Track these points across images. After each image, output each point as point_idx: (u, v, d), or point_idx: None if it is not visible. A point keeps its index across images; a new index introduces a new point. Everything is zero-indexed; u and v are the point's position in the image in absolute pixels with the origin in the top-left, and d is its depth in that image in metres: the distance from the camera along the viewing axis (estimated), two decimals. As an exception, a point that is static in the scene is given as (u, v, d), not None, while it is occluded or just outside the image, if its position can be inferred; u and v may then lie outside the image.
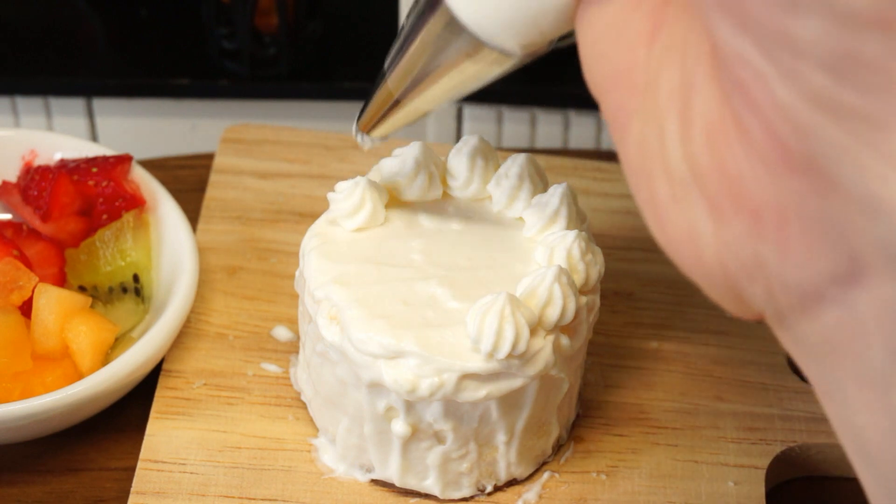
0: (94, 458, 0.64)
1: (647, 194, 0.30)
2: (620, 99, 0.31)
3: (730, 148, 0.27)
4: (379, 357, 0.55)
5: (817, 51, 0.24)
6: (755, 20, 0.25)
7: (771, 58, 0.25)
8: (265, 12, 0.83)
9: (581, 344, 0.59)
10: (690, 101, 0.28)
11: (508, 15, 0.38)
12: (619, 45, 0.31)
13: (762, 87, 0.25)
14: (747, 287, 0.28)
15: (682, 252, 0.29)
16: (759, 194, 0.27)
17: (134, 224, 0.68)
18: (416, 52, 0.44)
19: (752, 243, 0.27)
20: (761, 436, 0.64)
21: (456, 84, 0.45)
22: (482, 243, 0.60)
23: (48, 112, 0.88)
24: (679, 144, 0.28)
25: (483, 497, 0.61)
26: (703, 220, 0.28)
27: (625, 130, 0.31)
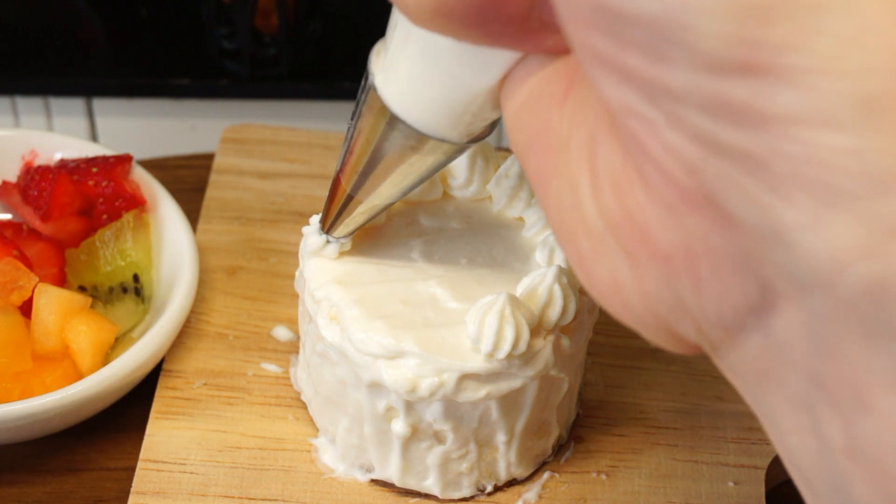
0: (94, 458, 0.64)
1: (572, 251, 0.31)
2: (539, 161, 0.32)
3: (634, 196, 0.28)
4: (379, 357, 0.55)
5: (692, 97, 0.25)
6: (633, 73, 0.26)
7: (654, 104, 0.26)
8: (265, 12, 0.83)
9: (581, 344, 0.59)
10: (596, 156, 0.29)
11: (441, 106, 0.40)
12: (535, 111, 0.33)
13: (651, 132, 0.26)
14: (677, 326, 0.29)
15: (611, 302, 0.30)
16: (666, 237, 0.28)
17: (134, 224, 0.68)
18: (363, 149, 0.46)
19: (670, 285, 0.28)
20: (761, 436, 0.64)
21: (406, 177, 0.46)
22: (482, 243, 0.60)
23: (48, 112, 0.88)
24: (592, 199, 0.29)
25: (483, 497, 0.61)
26: (623, 269, 0.29)
27: (546, 191, 0.32)
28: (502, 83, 0.36)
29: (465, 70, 0.38)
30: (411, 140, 0.42)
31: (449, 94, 0.39)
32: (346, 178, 0.49)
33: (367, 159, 0.46)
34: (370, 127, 0.44)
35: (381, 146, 0.45)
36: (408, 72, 0.40)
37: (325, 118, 0.88)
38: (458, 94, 0.39)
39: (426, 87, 0.40)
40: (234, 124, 0.79)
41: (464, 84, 0.38)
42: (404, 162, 0.45)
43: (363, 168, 0.47)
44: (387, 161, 0.46)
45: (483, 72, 0.37)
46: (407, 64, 0.40)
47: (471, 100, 0.39)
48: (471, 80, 0.38)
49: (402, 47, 0.40)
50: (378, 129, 0.44)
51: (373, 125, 0.44)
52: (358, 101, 0.45)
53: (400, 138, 0.43)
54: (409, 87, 0.41)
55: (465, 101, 0.39)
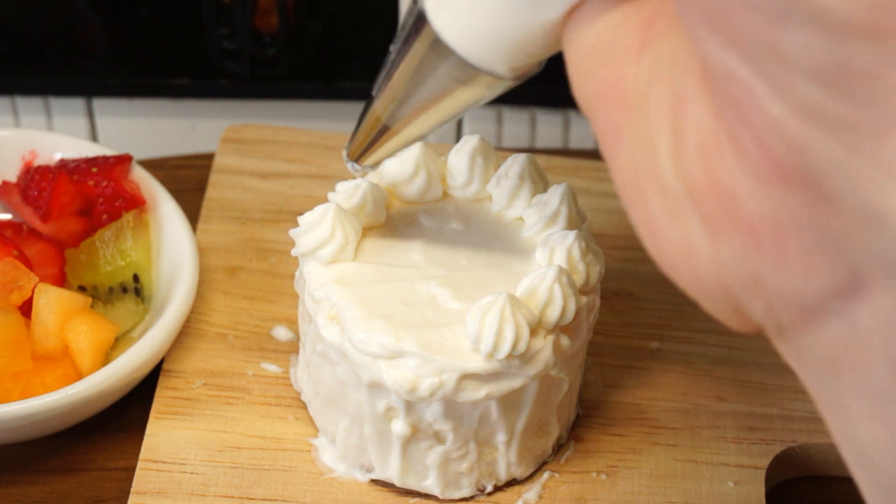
0: (94, 458, 0.64)
1: (640, 210, 0.30)
2: (610, 115, 0.31)
3: (724, 163, 0.27)
4: (379, 357, 0.55)
5: (807, 63, 0.24)
6: (743, 35, 0.24)
7: (761, 72, 0.25)
8: (265, 12, 0.83)
9: (581, 344, 0.59)
10: (682, 117, 0.28)
11: (496, 38, 0.38)
12: (607, 60, 0.31)
13: (753, 102, 0.25)
14: (746, 302, 0.28)
15: (678, 268, 0.29)
16: (755, 209, 0.27)
17: (134, 224, 0.68)
18: (404, 77, 0.44)
19: (750, 259, 0.27)
20: (761, 436, 0.64)
21: (446, 109, 0.44)
22: (482, 243, 0.60)
23: (48, 112, 0.88)
24: (671, 160, 0.28)
25: (483, 497, 0.61)
26: (698, 235, 0.28)
27: (616, 146, 0.30)
28: (565, 20, 0.34)
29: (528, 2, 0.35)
30: (459, 71, 0.40)
31: (506, 26, 0.37)
32: (383, 105, 0.47)
33: (409, 87, 0.44)
34: (415, 54, 0.42)
35: (426, 75, 0.42)
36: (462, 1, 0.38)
37: (325, 118, 0.88)
38: (515, 27, 0.37)
39: (482, 16, 0.37)
40: (234, 124, 0.79)
41: (523, 17, 0.36)
42: (447, 93, 0.42)
43: (402, 96, 0.45)
44: (429, 91, 0.43)
45: (545, 5, 0.35)
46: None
47: (528, 35, 0.37)
48: (531, 12, 0.36)
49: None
50: (424, 58, 0.41)
51: (419, 52, 0.41)
52: (403, 25, 0.42)
53: (447, 68, 0.40)
54: (462, 15, 0.38)
55: (522, 35, 0.37)
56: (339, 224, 0.58)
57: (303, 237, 0.58)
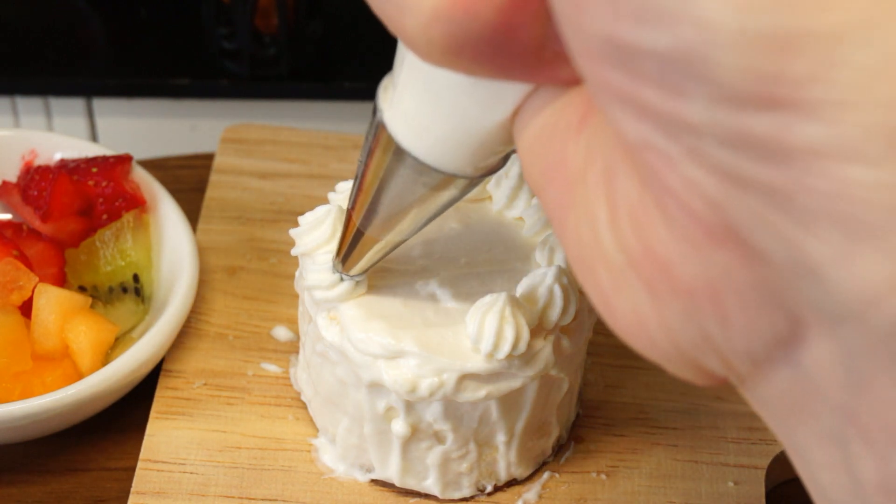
0: (94, 458, 0.64)
1: (592, 285, 0.30)
2: (555, 194, 0.31)
3: (654, 230, 0.27)
4: (379, 357, 0.55)
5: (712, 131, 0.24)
6: (650, 108, 0.25)
7: (672, 138, 0.25)
8: (265, 12, 0.83)
9: (581, 344, 0.59)
10: (614, 189, 0.28)
11: (455, 143, 0.39)
12: (550, 142, 0.32)
13: (670, 167, 0.26)
14: (703, 360, 0.29)
15: (634, 337, 0.30)
16: (689, 272, 0.27)
17: (134, 224, 0.68)
18: (376, 187, 0.45)
19: (694, 320, 0.28)
20: (761, 436, 0.64)
21: (422, 213, 0.45)
22: (482, 243, 0.60)
23: (48, 112, 0.88)
24: (610, 233, 0.29)
25: (483, 497, 0.61)
26: (645, 304, 0.29)
27: (563, 224, 0.31)
28: (514, 116, 0.35)
29: (476, 105, 0.37)
30: (424, 176, 0.42)
31: (461, 129, 0.39)
32: (359, 216, 0.48)
33: (380, 197, 0.46)
34: (381, 164, 0.43)
35: (394, 183, 0.44)
36: (417, 108, 0.40)
37: (325, 118, 0.88)
38: (470, 129, 0.38)
39: (437, 122, 0.39)
40: (234, 124, 0.79)
41: (476, 119, 0.38)
42: (417, 198, 0.44)
43: (376, 206, 0.47)
44: (399, 198, 0.45)
45: (495, 106, 0.36)
46: (416, 100, 0.39)
47: (483, 134, 0.38)
48: (483, 114, 0.37)
49: (409, 83, 0.39)
50: (389, 167, 0.43)
51: (384, 162, 0.43)
52: (367, 137, 0.44)
53: (412, 175, 0.42)
54: (419, 123, 0.40)
55: (477, 135, 0.38)
56: (339, 225, 0.58)
57: (303, 237, 0.58)
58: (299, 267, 0.60)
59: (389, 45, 0.47)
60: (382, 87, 0.41)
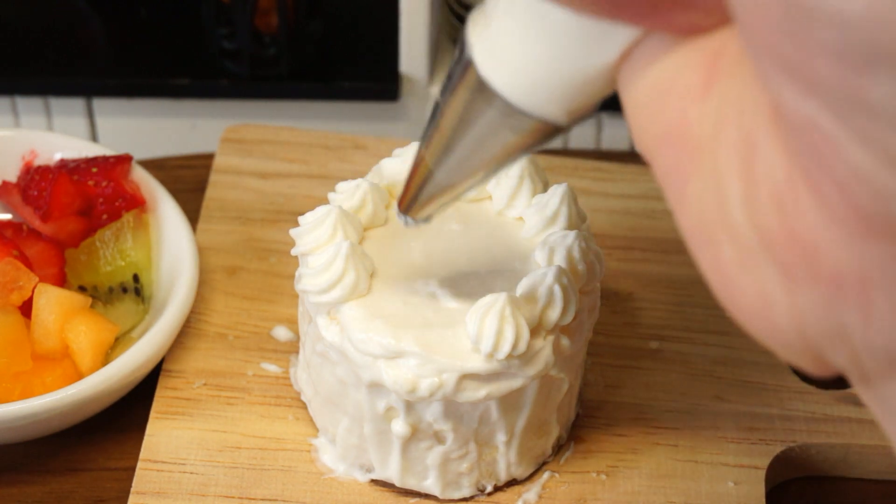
0: (94, 458, 0.64)
1: (711, 261, 0.28)
2: (674, 160, 0.29)
3: (802, 212, 0.26)
4: (379, 357, 0.55)
5: (893, 112, 0.22)
6: (824, 83, 0.23)
7: (843, 120, 0.23)
8: (265, 12, 0.83)
9: (581, 344, 0.59)
10: (753, 162, 0.26)
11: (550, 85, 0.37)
12: (668, 102, 0.29)
13: (835, 150, 0.24)
14: (829, 352, 0.27)
15: (755, 320, 0.28)
16: (838, 261, 0.25)
17: (134, 224, 0.68)
18: (455, 129, 0.42)
19: (833, 311, 0.26)
20: (761, 436, 0.64)
21: (501, 158, 0.42)
22: (482, 243, 0.60)
23: (48, 112, 0.88)
24: (744, 208, 0.27)
25: (483, 497, 0.61)
26: (776, 287, 0.27)
27: (681, 193, 0.29)
28: (621, 62, 0.32)
29: (579, 46, 0.34)
30: (512, 119, 0.39)
31: (559, 72, 0.36)
32: (433, 157, 0.45)
33: (461, 139, 0.42)
34: (466, 104, 0.40)
35: (478, 125, 0.41)
36: (513, 46, 0.37)
37: (325, 118, 0.88)
38: (569, 72, 0.36)
39: (534, 63, 0.36)
40: (234, 124, 0.79)
41: (577, 62, 0.35)
42: (501, 143, 0.41)
43: (454, 147, 0.43)
44: (481, 141, 0.41)
45: (600, 49, 0.33)
46: (512, 37, 0.36)
47: (583, 79, 0.35)
48: (586, 57, 0.34)
49: (507, 18, 0.36)
50: (475, 107, 0.40)
51: (469, 102, 0.40)
52: (451, 74, 0.40)
53: (499, 117, 0.39)
54: (513, 62, 0.37)
55: (576, 80, 0.36)
56: (340, 225, 0.58)
57: (303, 237, 0.58)
58: (299, 267, 0.60)
59: (389, 45, 0.47)
60: (472, 21, 0.38)
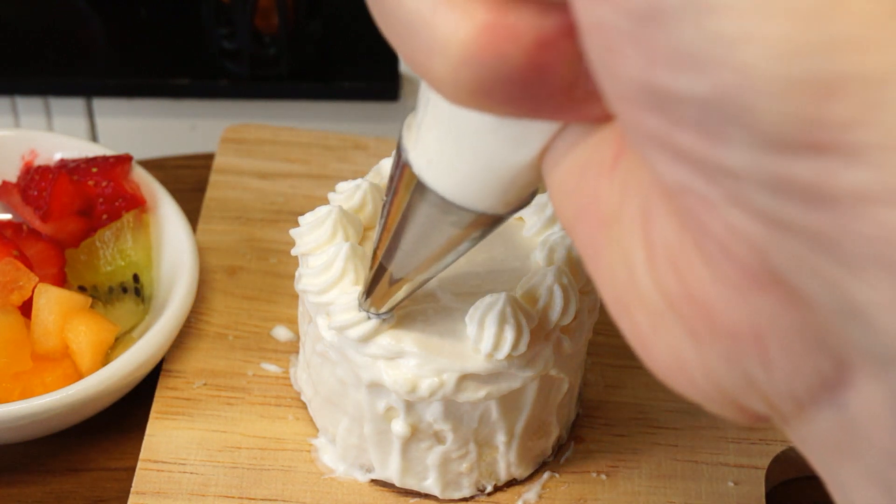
0: (94, 458, 0.64)
1: (628, 325, 0.30)
2: (589, 232, 0.31)
3: (694, 274, 0.27)
4: (378, 357, 0.55)
5: (754, 177, 0.24)
6: (688, 152, 0.25)
7: (712, 183, 0.25)
8: (265, 12, 0.83)
9: (581, 344, 0.59)
10: (651, 230, 0.28)
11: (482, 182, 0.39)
12: (583, 181, 0.31)
13: (711, 211, 0.25)
14: (745, 401, 0.28)
15: (674, 378, 0.29)
16: (732, 316, 0.27)
17: (134, 224, 0.68)
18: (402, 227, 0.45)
19: (736, 363, 0.27)
20: (761, 436, 0.64)
21: (447, 251, 0.45)
22: (482, 243, 0.60)
23: (48, 112, 0.88)
24: (648, 274, 0.28)
25: (483, 497, 0.61)
26: (685, 346, 0.28)
27: (597, 263, 0.30)
28: (544, 154, 0.34)
29: (504, 144, 0.36)
30: (451, 215, 0.41)
31: (488, 168, 0.38)
32: (385, 256, 0.48)
33: (406, 236, 0.45)
34: (407, 204, 0.43)
35: (420, 223, 0.43)
36: (443, 148, 0.39)
37: (325, 118, 0.88)
38: (498, 168, 0.38)
39: (464, 162, 0.39)
40: (234, 124, 0.79)
41: (504, 158, 0.37)
42: (444, 237, 0.44)
43: (402, 245, 0.46)
44: (426, 237, 0.44)
45: (523, 145, 0.36)
46: (441, 140, 0.39)
47: (512, 173, 0.38)
48: (511, 153, 0.36)
49: (434, 123, 0.39)
50: (415, 206, 0.42)
51: (410, 202, 0.42)
52: (392, 177, 0.43)
53: (439, 214, 0.42)
54: (445, 162, 0.39)
55: (505, 174, 0.38)
56: (340, 226, 0.58)
57: (303, 237, 0.58)
58: (299, 267, 0.60)
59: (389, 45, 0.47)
60: (406, 126, 0.41)
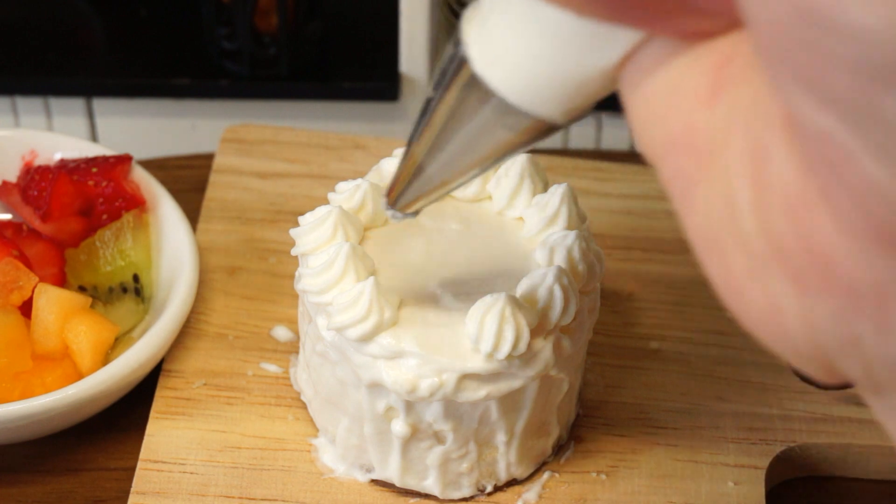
0: (94, 458, 0.64)
1: (719, 268, 0.28)
2: (681, 165, 0.28)
3: (816, 222, 0.25)
4: (379, 357, 0.55)
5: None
6: (842, 97, 0.23)
7: (860, 134, 0.23)
8: (265, 12, 0.83)
9: (581, 344, 0.59)
10: (764, 170, 0.26)
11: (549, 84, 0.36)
12: (674, 106, 0.29)
13: (851, 163, 0.24)
14: (841, 361, 0.27)
15: (765, 328, 0.28)
16: (853, 271, 0.25)
17: (134, 224, 0.68)
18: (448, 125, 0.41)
19: (847, 321, 0.26)
20: (761, 436, 0.64)
21: (493, 154, 0.42)
22: (482, 243, 0.60)
23: (48, 112, 0.88)
24: (754, 216, 0.26)
25: (483, 497, 0.61)
26: (787, 296, 0.26)
27: (688, 199, 0.28)
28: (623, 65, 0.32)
29: (580, 48, 0.34)
30: (508, 118, 0.38)
31: (558, 72, 0.35)
32: (425, 153, 0.44)
33: (454, 136, 0.41)
34: (459, 101, 0.39)
35: (471, 123, 0.40)
36: (510, 44, 0.36)
37: (325, 118, 0.88)
38: (569, 73, 0.35)
39: (532, 62, 0.35)
40: (234, 124, 0.79)
41: (577, 63, 0.34)
42: (496, 140, 0.40)
43: (447, 144, 0.42)
44: (474, 139, 0.41)
45: (602, 51, 0.33)
46: (510, 35, 0.36)
47: (583, 80, 0.35)
48: (586, 59, 0.34)
49: (504, 16, 0.36)
50: (469, 105, 0.39)
51: (463, 99, 0.39)
52: (444, 70, 0.40)
53: (494, 116, 0.38)
54: (511, 60, 0.36)
55: (576, 81, 0.35)
56: (340, 226, 0.58)
57: (303, 237, 0.58)
58: (299, 267, 0.60)
59: (389, 45, 0.47)
60: (466, 18, 0.38)
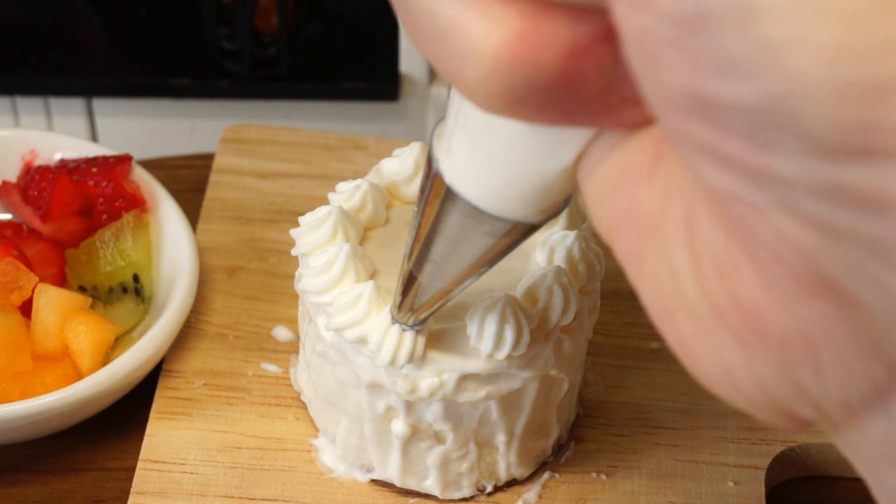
0: (94, 458, 0.64)
1: (673, 334, 0.29)
2: (629, 239, 0.30)
3: (743, 280, 0.26)
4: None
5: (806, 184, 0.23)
6: (736, 160, 0.24)
7: (762, 190, 0.24)
8: (265, 12, 0.83)
9: (581, 344, 0.59)
10: (695, 237, 0.27)
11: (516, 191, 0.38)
12: (621, 187, 0.30)
13: (760, 218, 0.25)
14: (795, 408, 0.28)
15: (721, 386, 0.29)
16: (782, 323, 0.26)
17: (134, 224, 0.68)
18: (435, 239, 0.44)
19: (787, 371, 0.27)
20: (761, 436, 0.64)
21: (480, 261, 0.44)
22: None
23: (48, 112, 0.88)
24: (693, 282, 0.28)
25: (483, 497, 0.61)
26: (733, 354, 0.28)
27: (639, 271, 0.30)
28: (578, 161, 0.34)
29: (537, 152, 0.36)
30: (485, 225, 0.40)
31: (523, 177, 0.37)
32: (417, 267, 0.48)
33: (439, 247, 0.44)
34: (439, 215, 0.42)
35: (454, 233, 0.43)
36: (475, 157, 0.38)
37: (325, 118, 0.88)
38: (532, 176, 0.37)
39: (497, 171, 0.38)
40: (234, 124, 0.79)
41: (537, 166, 0.37)
42: (479, 247, 0.43)
43: (434, 256, 0.46)
44: (460, 248, 0.44)
45: (557, 152, 0.35)
46: (474, 149, 0.38)
47: (546, 181, 0.37)
48: (545, 161, 0.36)
49: (466, 132, 0.38)
50: (449, 217, 0.42)
51: (442, 213, 0.42)
52: (423, 188, 0.43)
53: (473, 224, 0.41)
54: (478, 172, 0.39)
55: (540, 183, 0.37)
56: (340, 226, 0.58)
57: (303, 237, 0.58)
58: (299, 267, 0.60)
59: (389, 45, 0.47)
60: (436, 135, 0.40)
